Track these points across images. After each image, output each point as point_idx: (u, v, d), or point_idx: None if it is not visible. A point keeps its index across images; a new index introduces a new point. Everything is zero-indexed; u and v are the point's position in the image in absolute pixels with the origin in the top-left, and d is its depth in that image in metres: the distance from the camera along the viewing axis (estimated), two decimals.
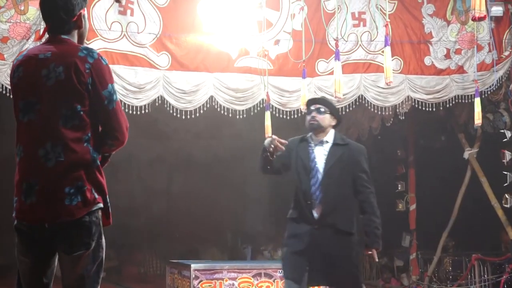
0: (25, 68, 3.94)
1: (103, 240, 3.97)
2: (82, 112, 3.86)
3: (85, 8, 4.15)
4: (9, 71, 9.37)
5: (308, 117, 6.64)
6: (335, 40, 9.94)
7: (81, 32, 4.09)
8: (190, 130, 14.04)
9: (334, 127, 6.68)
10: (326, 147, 6.54)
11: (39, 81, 3.87)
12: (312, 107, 6.64)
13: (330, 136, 6.60)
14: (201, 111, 10.62)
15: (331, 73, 10.04)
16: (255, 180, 14.81)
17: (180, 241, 15.33)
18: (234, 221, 16.15)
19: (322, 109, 6.57)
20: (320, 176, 6.44)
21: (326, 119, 6.56)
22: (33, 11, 9.71)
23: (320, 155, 6.51)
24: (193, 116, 10.64)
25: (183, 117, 10.59)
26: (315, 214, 6.37)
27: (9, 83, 9.39)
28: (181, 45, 10.39)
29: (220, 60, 10.54)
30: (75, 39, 4.06)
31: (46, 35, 4.06)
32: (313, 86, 10.73)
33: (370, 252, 6.47)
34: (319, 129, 6.55)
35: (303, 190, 6.43)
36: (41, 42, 4.13)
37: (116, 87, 4.82)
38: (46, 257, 3.93)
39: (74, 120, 3.84)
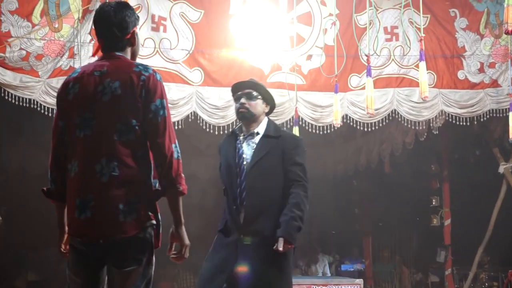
0: (82, 85, 3.96)
1: (154, 257, 3.97)
2: (137, 127, 3.87)
3: (138, 26, 4.19)
4: (43, 88, 9.53)
5: (237, 105, 5.81)
6: (367, 55, 9.89)
7: (134, 49, 4.13)
8: None
9: (267, 114, 5.85)
10: (256, 140, 5.68)
11: (95, 97, 3.91)
12: (240, 93, 5.81)
13: (262, 127, 5.74)
14: (234, 127, 10.62)
15: (364, 87, 9.99)
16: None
17: None
18: None
19: (254, 93, 5.75)
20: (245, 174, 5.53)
21: (258, 105, 5.74)
22: (67, 29, 9.81)
23: (248, 150, 5.65)
24: (226, 131, 10.65)
25: (216, 132, 10.61)
26: (241, 220, 5.47)
27: (44, 100, 9.60)
28: (214, 61, 10.44)
29: (252, 75, 10.49)
30: (128, 56, 4.09)
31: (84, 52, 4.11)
32: (345, 101, 10.72)
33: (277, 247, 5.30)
34: (251, 119, 5.71)
35: (231, 193, 5.56)
36: (82, 59, 4.18)
37: None
38: (97, 275, 3.93)
39: (129, 135, 3.86)
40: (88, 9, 9.90)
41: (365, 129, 11.26)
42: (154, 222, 3.92)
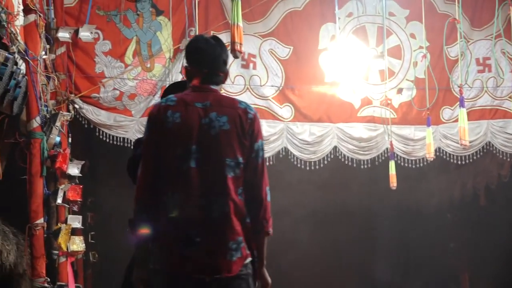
0: (184, 115, 3.81)
1: None
2: (242, 165, 3.82)
3: None
4: (137, 127, 9.65)
5: None
6: (459, 86, 9.75)
7: (222, 87, 4.09)
8: (314, 181, 14.00)
9: None
10: None
11: (201, 129, 3.80)
12: None
13: None
14: (325, 162, 10.58)
15: (456, 120, 9.82)
16: (382, 230, 14.61)
17: None
18: (361, 271, 15.91)
19: None
20: None
21: None
22: (159, 68, 9.97)
23: None
24: (317, 166, 10.61)
25: (307, 168, 10.58)
26: None
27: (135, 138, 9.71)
28: (304, 96, 10.43)
29: (343, 110, 10.51)
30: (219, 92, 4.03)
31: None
32: (438, 134, 10.54)
33: None
34: None
35: None
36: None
37: None
38: None
39: (236, 172, 3.80)
40: (179, 48, 10.02)
41: (459, 162, 11.04)
42: (251, 258, 3.86)
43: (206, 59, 4.00)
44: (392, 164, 10.25)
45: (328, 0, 10.20)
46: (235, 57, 6.73)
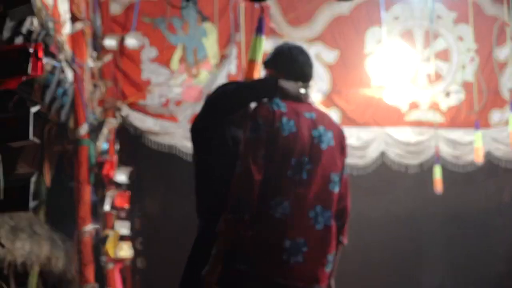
0: (298, 125, 3.85)
1: None
2: (340, 181, 3.96)
3: None
4: (183, 133, 9.63)
5: None
6: (509, 90, 9.66)
7: None
8: (361, 186, 13.93)
9: None
10: None
11: (312, 142, 3.86)
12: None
13: None
14: (373, 166, 10.50)
15: (506, 123, 9.67)
16: (430, 235, 14.49)
17: None
18: (408, 277, 15.76)
19: None
20: None
21: None
22: (205, 74, 9.96)
23: None
24: (364, 171, 10.53)
25: (355, 172, 10.47)
26: None
27: (183, 145, 9.72)
28: (351, 101, 10.33)
29: (390, 114, 10.40)
30: None
31: None
32: (487, 137, 10.37)
33: None
34: None
35: None
36: None
37: None
38: None
39: (337, 187, 3.93)
40: (224, 54, 10.01)
41: (508, 166, 10.88)
42: None
43: (305, 71, 4.06)
44: (437, 169, 10.12)
45: (374, 4, 10.09)
46: None
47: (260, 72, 5.58)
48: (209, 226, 3.96)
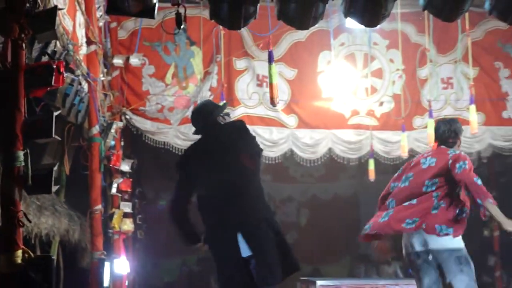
0: None
1: None
2: None
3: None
4: (174, 133, 9.65)
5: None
6: (428, 101, 9.77)
7: None
8: (313, 175, 13.99)
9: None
10: None
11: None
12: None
13: None
14: (322, 160, 10.54)
15: (426, 126, 9.76)
16: (368, 213, 14.57)
17: (307, 262, 15.12)
18: (351, 247, 15.82)
19: None
20: None
21: None
22: (192, 87, 9.95)
23: None
24: (315, 163, 10.56)
25: (308, 164, 10.53)
26: None
27: (175, 142, 9.70)
28: (306, 108, 10.34)
29: (336, 119, 10.43)
30: None
31: None
32: (411, 138, 10.43)
33: None
34: None
35: None
36: None
37: None
38: None
39: None
40: (208, 71, 10.01)
41: None
42: None
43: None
44: (371, 162, 10.22)
45: (325, 33, 10.12)
46: (273, 106, 7.24)
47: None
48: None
